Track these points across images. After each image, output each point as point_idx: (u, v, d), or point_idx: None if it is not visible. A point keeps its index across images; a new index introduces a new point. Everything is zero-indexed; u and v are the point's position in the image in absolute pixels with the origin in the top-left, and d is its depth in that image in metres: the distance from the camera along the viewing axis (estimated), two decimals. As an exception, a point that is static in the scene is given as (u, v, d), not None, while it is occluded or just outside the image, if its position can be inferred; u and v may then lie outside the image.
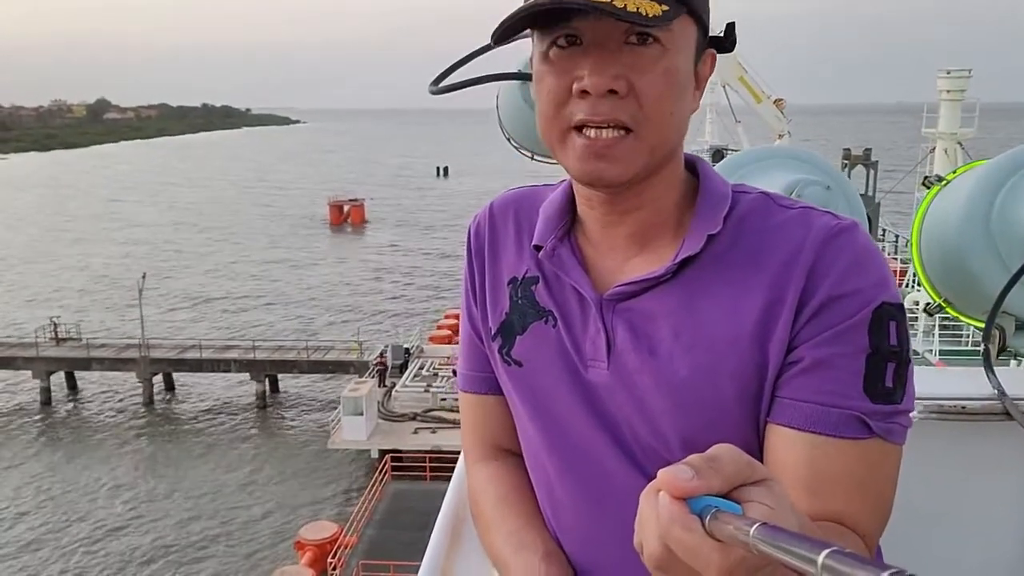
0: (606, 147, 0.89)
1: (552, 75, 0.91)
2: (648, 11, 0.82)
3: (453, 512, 1.44)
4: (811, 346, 0.89)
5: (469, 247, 1.16)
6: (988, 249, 2.07)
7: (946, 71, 18.13)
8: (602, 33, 0.87)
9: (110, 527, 21.95)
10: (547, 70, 0.91)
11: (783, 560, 0.49)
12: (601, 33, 0.87)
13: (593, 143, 0.89)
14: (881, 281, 0.90)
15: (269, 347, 31.85)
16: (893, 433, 0.90)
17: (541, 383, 1.05)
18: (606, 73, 0.87)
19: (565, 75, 0.89)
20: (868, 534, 0.91)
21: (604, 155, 0.90)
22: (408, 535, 19.10)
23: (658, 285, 0.96)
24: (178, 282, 46.82)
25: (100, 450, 26.66)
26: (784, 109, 23.28)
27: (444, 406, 25.68)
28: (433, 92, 1.79)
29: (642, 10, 0.82)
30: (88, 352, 31.53)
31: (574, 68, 0.89)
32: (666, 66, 0.88)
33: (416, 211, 75.82)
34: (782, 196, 1.01)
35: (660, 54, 0.88)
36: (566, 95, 0.90)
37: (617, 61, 0.87)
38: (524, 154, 2.93)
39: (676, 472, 0.58)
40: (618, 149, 0.89)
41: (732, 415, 0.93)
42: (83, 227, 66.75)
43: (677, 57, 0.89)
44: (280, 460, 25.67)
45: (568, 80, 0.89)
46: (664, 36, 0.87)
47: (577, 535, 1.05)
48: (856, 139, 41.86)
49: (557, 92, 0.90)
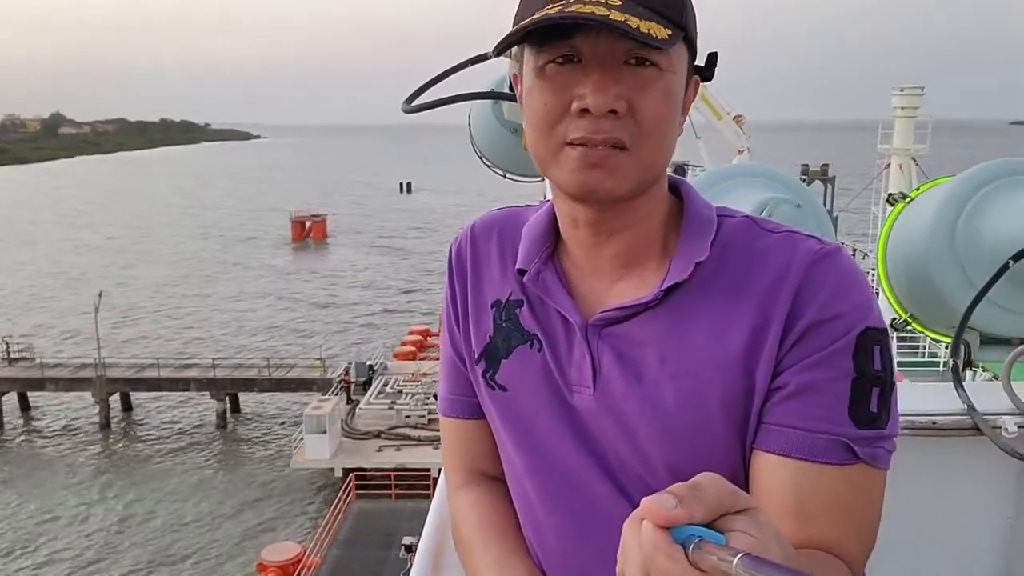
0: (602, 158, 0.89)
1: (549, 91, 0.90)
2: (657, 34, 0.83)
3: (435, 538, 1.42)
4: (796, 371, 0.89)
5: (451, 268, 1.14)
6: (953, 265, 2.10)
7: (900, 88, 18.58)
8: (604, 52, 0.87)
9: (64, 554, 21.34)
10: (543, 86, 0.90)
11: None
12: (603, 52, 0.87)
13: (589, 153, 0.89)
14: (865, 305, 0.91)
15: (229, 365, 31.33)
16: (878, 458, 0.90)
17: (525, 408, 1.04)
18: (609, 92, 0.86)
19: (563, 92, 0.89)
20: (854, 560, 0.90)
21: (599, 166, 0.89)
22: (373, 555, 18.90)
23: (645, 311, 0.96)
24: (133, 299, 45.94)
25: (55, 473, 25.94)
26: (744, 125, 23.64)
27: (409, 423, 25.51)
28: (406, 111, 1.78)
29: (652, 32, 0.83)
30: (42, 372, 30.73)
31: (574, 85, 0.88)
32: (664, 87, 0.88)
33: (379, 226, 75.55)
34: (765, 220, 1.01)
35: (658, 76, 0.88)
36: (563, 112, 0.89)
37: (619, 81, 0.87)
38: (496, 172, 2.92)
39: (659, 500, 0.58)
40: (613, 161, 0.89)
41: (719, 441, 0.93)
42: (32, 241, 65.26)
43: (673, 80, 0.89)
44: (241, 480, 25.23)
45: (566, 97, 0.88)
46: (662, 59, 0.87)
47: (561, 562, 1.04)
48: (812, 155, 42.79)
49: (554, 108, 0.89)
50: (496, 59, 0.98)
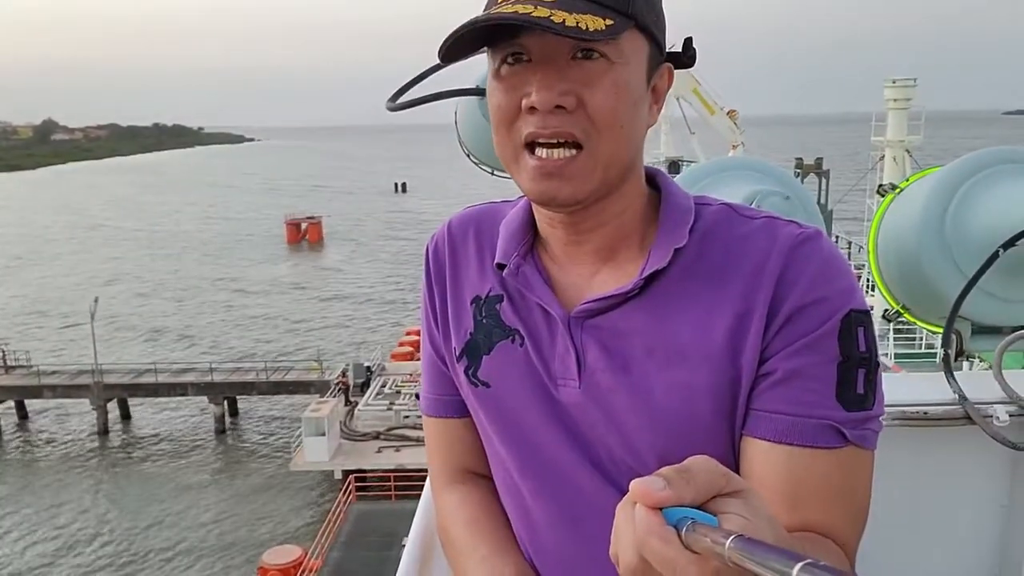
0: (557, 167, 0.88)
1: (502, 92, 0.90)
2: (589, 25, 0.82)
3: (422, 538, 1.41)
4: (783, 357, 0.89)
5: (428, 267, 1.14)
6: (943, 255, 2.10)
7: (892, 80, 18.58)
8: (549, 49, 0.86)
9: (63, 561, 21.31)
10: (497, 87, 0.91)
11: (758, 572, 0.50)
12: (548, 49, 0.86)
13: (544, 163, 0.89)
14: (848, 288, 0.91)
15: (227, 369, 31.23)
16: (867, 439, 0.91)
17: (510, 403, 1.03)
18: (553, 89, 0.86)
19: (514, 91, 0.89)
20: (847, 543, 0.91)
21: (556, 175, 0.89)
22: (373, 556, 18.86)
23: (627, 301, 0.95)
24: (130, 305, 45.87)
25: (53, 481, 25.88)
26: (737, 120, 23.65)
27: (408, 424, 25.49)
28: (391, 109, 1.77)
29: (582, 24, 0.81)
30: (39, 379, 30.63)
31: (523, 85, 0.88)
32: (614, 79, 0.87)
33: (374, 226, 75.48)
34: (744, 206, 1.01)
35: (607, 68, 0.87)
36: (516, 111, 0.89)
37: (564, 76, 0.86)
38: (484, 170, 2.92)
39: (647, 483, 0.58)
40: (570, 168, 0.88)
41: (707, 430, 0.92)
42: (24, 249, 65.12)
43: (626, 71, 0.88)
44: (241, 484, 25.20)
45: (517, 97, 0.89)
46: (610, 50, 0.87)
47: (554, 555, 1.04)
48: (807, 148, 42.74)
49: (507, 109, 0.90)
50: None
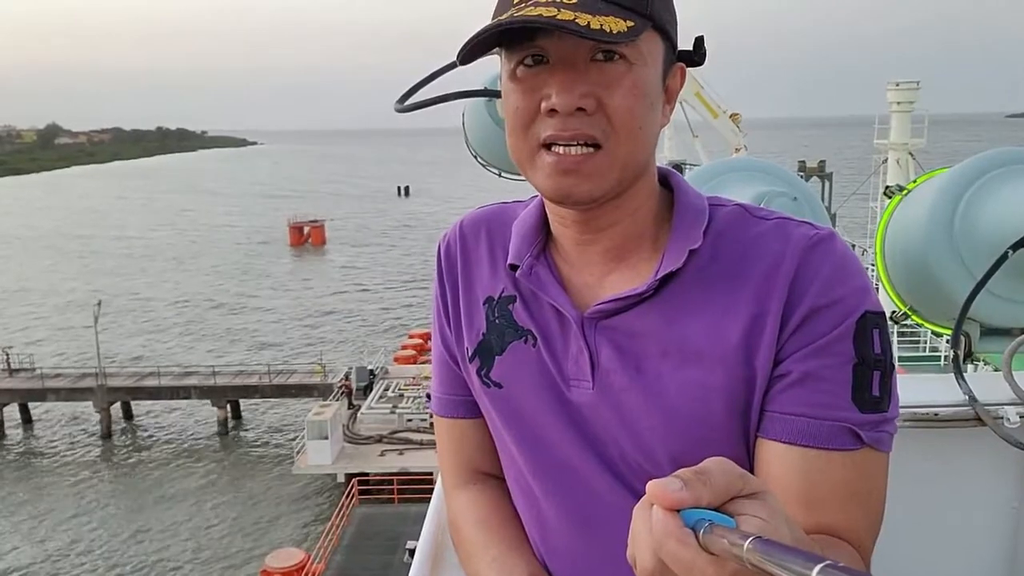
0: (575, 164, 0.88)
1: (520, 93, 0.90)
2: (612, 28, 0.82)
3: (433, 539, 1.40)
4: (798, 359, 0.89)
5: (440, 267, 1.13)
6: (952, 256, 2.09)
7: (895, 83, 18.57)
8: (568, 51, 0.86)
9: (66, 563, 21.30)
10: (515, 88, 0.90)
11: (777, 574, 0.50)
12: (567, 51, 0.86)
13: (562, 159, 0.88)
14: (863, 289, 0.90)
15: (230, 372, 31.24)
16: (882, 442, 0.90)
17: (523, 404, 1.03)
18: (574, 91, 0.86)
19: (533, 93, 0.89)
20: (863, 545, 0.91)
21: (573, 171, 0.89)
22: (377, 559, 18.84)
23: (641, 302, 0.95)
24: (134, 307, 45.92)
25: (57, 484, 25.89)
26: (740, 123, 23.62)
27: (411, 427, 25.48)
28: (399, 110, 1.77)
29: (606, 27, 0.82)
30: (43, 383, 30.67)
31: (542, 87, 0.88)
32: (633, 81, 0.87)
33: (377, 230, 75.53)
34: (757, 207, 1.01)
35: (627, 70, 0.87)
36: (534, 114, 0.89)
37: (584, 79, 0.86)
38: (492, 171, 2.92)
39: (664, 484, 0.58)
40: (587, 166, 0.88)
41: (722, 431, 0.92)
42: (25, 254, 65.23)
43: (644, 72, 0.88)
44: (244, 487, 25.19)
45: (536, 99, 0.89)
46: (630, 52, 0.87)
47: (566, 556, 1.04)
48: (810, 151, 42.67)
49: (525, 111, 0.90)
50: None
